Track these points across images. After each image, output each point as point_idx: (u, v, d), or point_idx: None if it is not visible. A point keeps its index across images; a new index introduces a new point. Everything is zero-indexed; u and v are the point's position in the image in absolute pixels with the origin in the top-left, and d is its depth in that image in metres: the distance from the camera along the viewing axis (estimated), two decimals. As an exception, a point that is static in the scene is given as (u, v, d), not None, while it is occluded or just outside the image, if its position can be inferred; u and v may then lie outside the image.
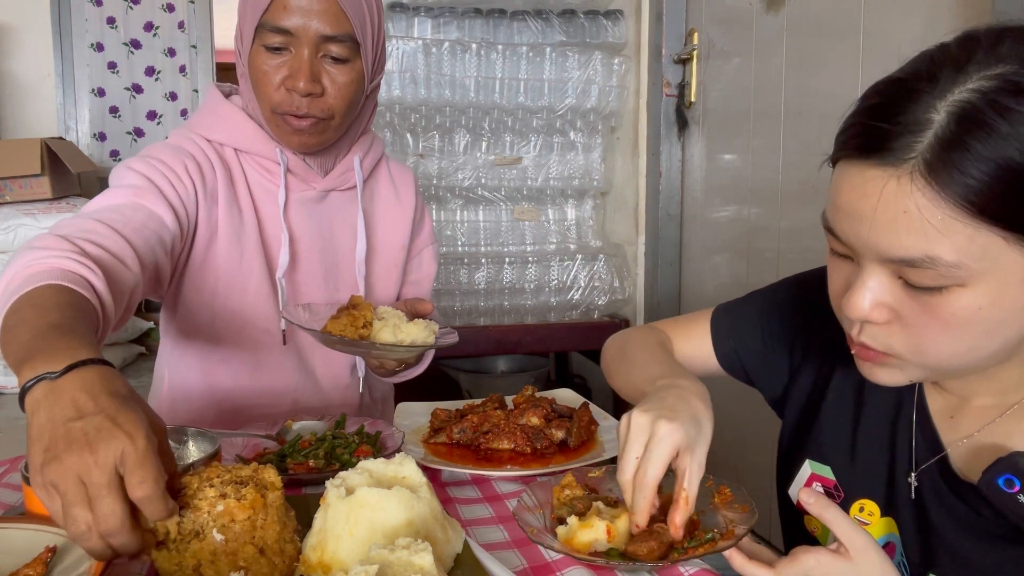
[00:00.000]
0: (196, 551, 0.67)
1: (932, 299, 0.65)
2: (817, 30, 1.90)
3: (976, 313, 0.64)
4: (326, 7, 1.09)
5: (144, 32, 2.75)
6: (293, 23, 1.08)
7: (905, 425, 0.83)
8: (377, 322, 1.06)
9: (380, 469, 0.78)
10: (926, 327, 0.66)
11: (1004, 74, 0.60)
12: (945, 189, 0.60)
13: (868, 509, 0.85)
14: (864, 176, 0.65)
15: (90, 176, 2.67)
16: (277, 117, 1.14)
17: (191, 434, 0.94)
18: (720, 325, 1.07)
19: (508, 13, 2.57)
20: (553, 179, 2.61)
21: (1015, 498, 0.67)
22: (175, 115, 2.83)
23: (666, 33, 2.53)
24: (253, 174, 1.22)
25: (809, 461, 0.92)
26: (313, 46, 1.10)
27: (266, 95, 1.12)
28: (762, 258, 2.17)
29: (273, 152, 1.20)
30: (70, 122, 2.70)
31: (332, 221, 1.28)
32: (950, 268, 0.62)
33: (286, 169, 1.20)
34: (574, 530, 0.77)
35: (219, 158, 1.18)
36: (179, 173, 1.12)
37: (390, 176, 1.37)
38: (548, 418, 1.08)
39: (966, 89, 0.61)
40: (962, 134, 0.60)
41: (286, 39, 1.09)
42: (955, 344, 0.67)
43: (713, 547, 0.73)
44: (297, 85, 1.09)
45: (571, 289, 2.63)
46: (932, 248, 0.62)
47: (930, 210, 0.61)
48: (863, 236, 0.66)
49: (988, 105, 0.59)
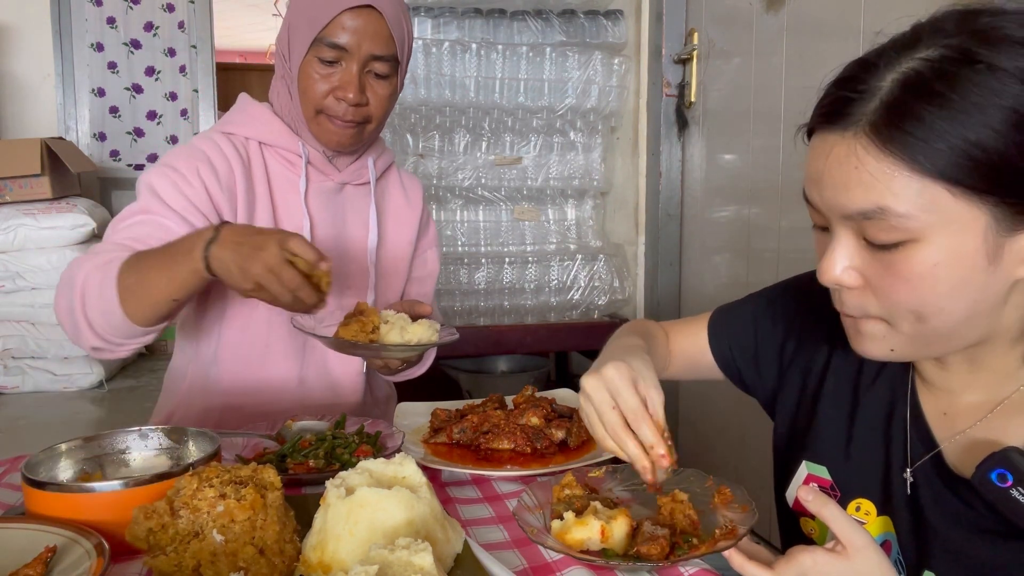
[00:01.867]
0: (196, 551, 0.67)
1: (892, 257, 0.69)
2: (817, 30, 1.90)
3: (933, 269, 0.67)
4: (377, 30, 1.21)
5: (144, 32, 2.76)
6: (348, 41, 1.20)
7: (899, 423, 0.84)
8: (384, 325, 1.11)
9: (380, 469, 0.78)
10: (892, 288, 0.70)
11: (948, 44, 0.66)
12: (889, 145, 0.66)
13: (864, 508, 0.85)
14: (825, 141, 0.71)
15: (90, 176, 2.67)
16: (321, 117, 1.26)
17: (191, 434, 0.94)
18: (717, 325, 1.08)
19: (508, 13, 2.57)
20: (553, 179, 2.61)
21: (1008, 492, 0.68)
22: (175, 115, 2.83)
23: (666, 33, 2.53)
24: (275, 165, 1.32)
25: (806, 462, 0.92)
26: (362, 63, 1.22)
27: (313, 99, 1.24)
28: (762, 258, 2.17)
29: (296, 146, 1.30)
30: (70, 122, 2.70)
31: (345, 212, 1.37)
32: (901, 219, 0.66)
33: (307, 161, 1.31)
34: (569, 526, 0.77)
35: (236, 153, 1.27)
36: (188, 177, 1.21)
37: (400, 180, 1.48)
38: (548, 418, 1.08)
39: (914, 59, 0.67)
40: (905, 97, 0.66)
41: (339, 54, 1.21)
42: (921, 303, 0.70)
43: (713, 547, 0.73)
44: (347, 96, 1.22)
45: (571, 289, 2.63)
46: (883, 199, 0.67)
47: (876, 165, 0.66)
48: (827, 197, 0.72)
49: (930, 71, 0.65)
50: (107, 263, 1.07)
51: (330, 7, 1.19)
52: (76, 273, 1.08)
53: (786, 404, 0.98)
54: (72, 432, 1.13)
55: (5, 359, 2.17)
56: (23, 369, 2.20)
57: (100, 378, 2.25)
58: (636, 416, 0.78)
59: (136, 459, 0.93)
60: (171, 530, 0.69)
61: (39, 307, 2.17)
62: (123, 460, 0.92)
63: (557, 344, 2.59)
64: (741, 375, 1.05)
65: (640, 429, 0.77)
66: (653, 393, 0.80)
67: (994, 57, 0.64)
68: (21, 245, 2.12)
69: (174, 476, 0.78)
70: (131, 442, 0.93)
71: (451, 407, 1.16)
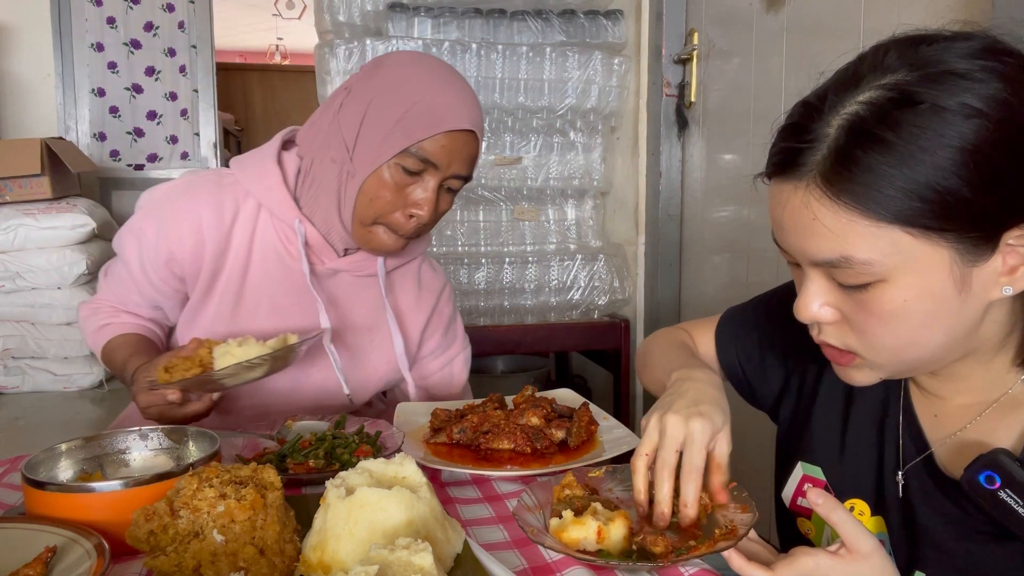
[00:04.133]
0: (196, 552, 0.67)
1: (863, 296, 0.69)
2: (817, 30, 1.90)
3: (903, 305, 0.68)
4: (469, 151, 1.15)
5: (144, 32, 2.75)
6: (441, 160, 1.12)
7: (892, 425, 0.85)
8: (216, 355, 1.05)
9: (380, 469, 0.78)
10: (866, 323, 0.71)
11: (887, 84, 0.66)
12: (841, 196, 0.66)
13: (858, 508, 0.86)
14: (780, 190, 0.71)
15: (90, 176, 2.67)
16: (376, 228, 1.16)
17: (191, 434, 0.94)
18: (724, 332, 1.09)
19: (508, 13, 2.57)
20: (553, 179, 2.61)
21: (996, 494, 0.68)
22: (175, 115, 2.83)
23: (666, 33, 2.53)
24: (269, 232, 1.22)
25: (801, 463, 0.92)
26: (443, 180, 1.15)
27: (379, 208, 1.14)
28: (762, 258, 2.16)
29: (292, 221, 1.21)
30: (70, 122, 2.70)
31: (337, 298, 1.27)
32: (864, 265, 0.67)
33: (304, 242, 1.21)
34: (566, 525, 0.77)
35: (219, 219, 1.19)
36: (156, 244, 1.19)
37: (418, 277, 1.36)
38: (548, 418, 1.08)
39: (856, 102, 0.66)
40: (851, 145, 0.65)
41: (424, 168, 1.13)
42: (897, 338, 0.71)
43: (713, 547, 0.73)
44: (420, 213, 1.14)
45: (571, 289, 2.63)
46: (844, 249, 0.67)
47: (832, 217, 0.67)
48: (791, 244, 0.72)
49: (873, 116, 0.65)
50: (96, 332, 1.30)
51: (433, 124, 1.10)
52: (85, 330, 1.33)
53: (787, 407, 0.99)
54: (72, 432, 1.13)
55: (5, 359, 2.17)
56: (23, 369, 2.20)
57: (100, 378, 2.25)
58: (691, 472, 0.78)
59: (136, 459, 0.93)
60: (171, 530, 0.69)
61: (39, 307, 2.17)
62: (123, 460, 0.92)
63: (557, 344, 2.59)
64: (748, 382, 1.06)
65: (686, 485, 0.77)
66: (724, 445, 0.81)
67: (936, 96, 0.63)
68: (21, 245, 2.12)
69: (174, 476, 0.78)
70: (131, 442, 0.93)
71: (451, 407, 1.16)
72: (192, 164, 2.87)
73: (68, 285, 2.18)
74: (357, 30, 2.54)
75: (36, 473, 0.81)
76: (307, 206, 1.22)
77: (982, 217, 0.65)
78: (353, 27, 2.54)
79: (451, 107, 1.12)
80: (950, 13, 1.49)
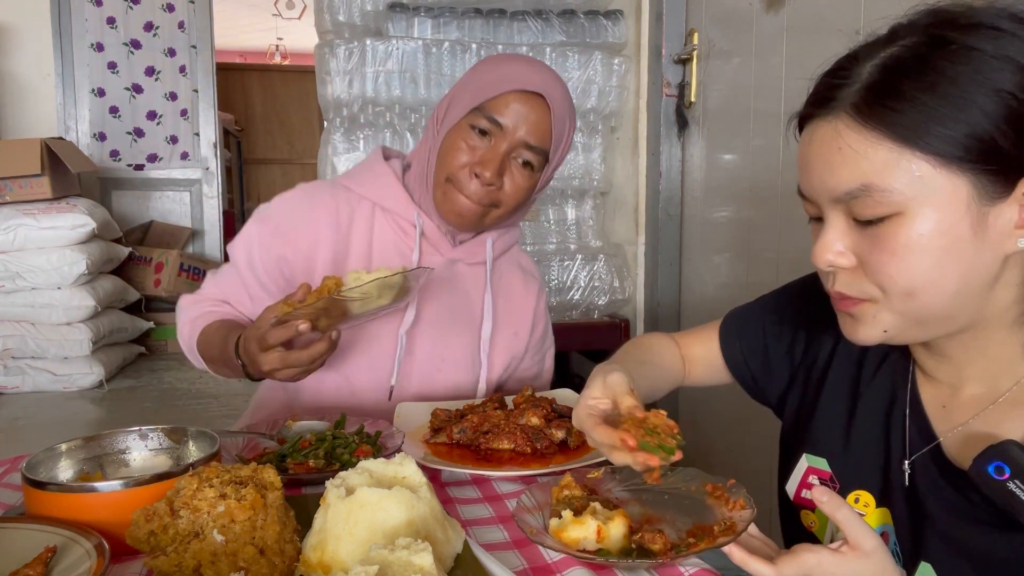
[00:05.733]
0: (196, 552, 0.67)
1: (880, 231, 0.71)
2: (817, 30, 1.90)
3: (919, 239, 0.69)
4: (539, 119, 1.18)
5: (144, 32, 2.75)
6: (507, 120, 1.17)
7: (899, 416, 0.85)
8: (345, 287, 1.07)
9: (380, 469, 0.78)
10: (881, 262, 0.72)
11: (921, 32, 0.70)
12: (869, 120, 0.69)
13: (863, 500, 0.86)
14: (812, 128, 0.75)
15: (90, 176, 2.67)
16: (449, 186, 1.21)
17: (191, 434, 0.94)
18: (728, 329, 1.10)
19: (508, 13, 2.57)
20: (553, 179, 2.61)
21: (1004, 485, 0.69)
22: (175, 115, 2.83)
23: (666, 33, 2.53)
24: (385, 229, 1.29)
25: (806, 455, 0.93)
26: (512, 146, 1.18)
27: (449, 166, 1.20)
28: (762, 258, 2.17)
29: (411, 215, 1.28)
30: (70, 122, 2.70)
31: (455, 292, 1.32)
32: (884, 193, 0.69)
33: (420, 233, 1.28)
34: (566, 524, 0.77)
35: (336, 226, 1.26)
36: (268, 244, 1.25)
37: (519, 264, 1.43)
38: (548, 418, 1.08)
39: (893, 46, 0.71)
40: (884, 76, 0.69)
41: (493, 128, 1.18)
42: (910, 277, 0.71)
43: (713, 543, 0.73)
44: (484, 173, 1.18)
45: (571, 289, 2.63)
46: (866, 176, 0.70)
47: (858, 140, 0.70)
48: (814, 183, 0.75)
49: (907, 52, 0.69)
50: (195, 319, 1.27)
51: (501, 82, 1.17)
52: (182, 319, 1.29)
53: (792, 401, 0.99)
54: (72, 432, 1.13)
55: (5, 359, 2.17)
56: (23, 369, 2.20)
57: (100, 378, 2.25)
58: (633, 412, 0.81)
59: (136, 459, 0.93)
60: (171, 530, 0.69)
61: (39, 307, 2.16)
62: (123, 460, 0.92)
63: (557, 344, 2.59)
64: (754, 379, 1.06)
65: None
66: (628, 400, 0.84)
67: (967, 39, 0.67)
68: (21, 245, 2.12)
69: (174, 476, 0.78)
70: (131, 442, 0.93)
71: (451, 407, 1.16)
72: (192, 164, 2.87)
73: (68, 285, 2.18)
74: (357, 30, 2.55)
75: (36, 473, 0.81)
76: (419, 198, 1.28)
77: (1003, 156, 0.67)
78: (353, 27, 2.54)
79: (519, 71, 1.18)
80: (950, 13, 1.49)
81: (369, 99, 2.45)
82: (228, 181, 4.78)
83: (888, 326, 0.75)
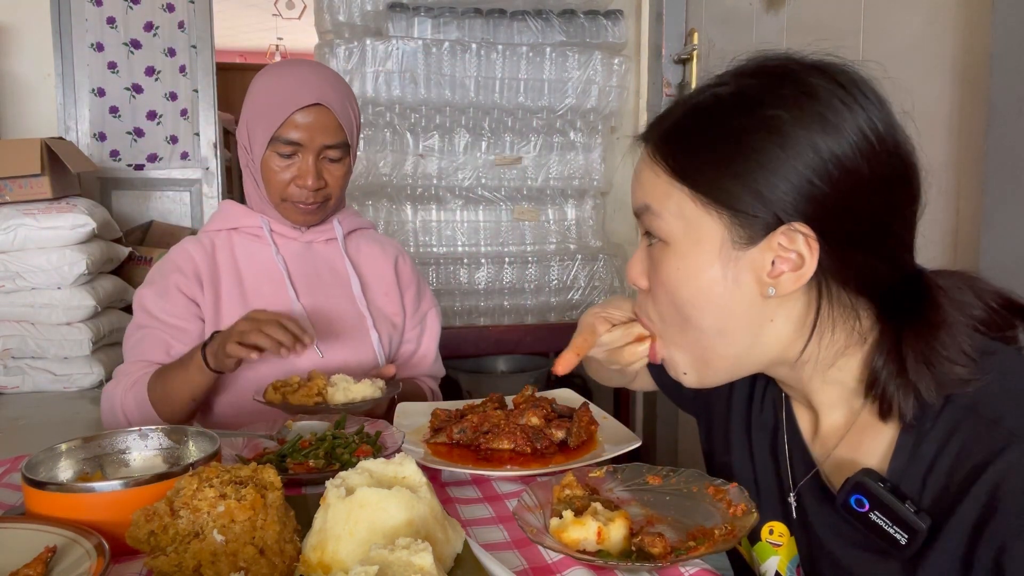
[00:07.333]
0: (196, 552, 0.67)
1: (656, 255, 0.76)
2: (817, 30, 1.90)
3: (676, 272, 0.74)
4: (327, 123, 1.34)
5: (144, 32, 2.75)
6: (301, 137, 1.33)
7: (782, 444, 0.86)
8: (330, 388, 1.22)
9: (380, 469, 0.78)
10: (656, 289, 0.77)
11: (735, 82, 0.74)
12: (659, 152, 0.75)
13: (778, 531, 0.86)
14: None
15: (90, 176, 2.67)
16: (286, 204, 1.40)
17: (191, 434, 0.94)
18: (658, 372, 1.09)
19: (508, 13, 2.57)
20: (553, 179, 2.61)
21: (867, 516, 0.69)
22: (175, 115, 2.83)
23: (666, 33, 2.53)
24: (242, 243, 1.44)
25: None
26: (316, 153, 1.35)
27: (277, 189, 1.38)
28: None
29: (258, 222, 1.44)
30: (70, 122, 2.70)
31: (319, 266, 1.47)
32: (655, 217, 0.75)
33: (270, 230, 1.45)
34: (566, 524, 0.77)
35: (201, 247, 1.42)
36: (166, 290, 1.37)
37: (374, 238, 1.57)
38: (548, 418, 1.08)
39: (708, 91, 0.75)
40: (684, 118, 0.75)
41: (295, 148, 1.34)
42: (675, 310, 0.75)
43: (713, 547, 0.73)
44: (306, 184, 1.35)
45: (571, 289, 2.63)
46: (646, 197, 0.76)
47: (647, 169, 0.76)
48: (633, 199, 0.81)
49: (713, 102, 0.73)
50: (135, 383, 1.32)
51: (283, 108, 1.32)
52: (114, 402, 1.33)
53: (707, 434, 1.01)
54: (72, 432, 1.13)
55: (5, 359, 2.17)
56: (23, 369, 2.20)
57: (100, 378, 2.25)
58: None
59: (136, 459, 0.93)
60: (171, 530, 0.69)
61: (39, 307, 2.16)
62: (123, 460, 0.92)
63: (557, 344, 2.59)
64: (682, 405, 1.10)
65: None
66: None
67: (767, 109, 0.70)
68: (21, 245, 2.12)
69: (174, 476, 0.78)
70: (131, 442, 0.93)
71: (451, 407, 1.16)
72: (192, 164, 2.87)
73: (68, 285, 2.18)
74: (357, 30, 2.55)
75: (36, 473, 0.81)
76: (260, 209, 1.45)
77: (756, 204, 0.69)
78: (353, 27, 2.54)
79: (293, 90, 1.32)
80: (950, 13, 1.49)
81: (369, 99, 2.45)
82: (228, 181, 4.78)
83: (685, 367, 0.79)
